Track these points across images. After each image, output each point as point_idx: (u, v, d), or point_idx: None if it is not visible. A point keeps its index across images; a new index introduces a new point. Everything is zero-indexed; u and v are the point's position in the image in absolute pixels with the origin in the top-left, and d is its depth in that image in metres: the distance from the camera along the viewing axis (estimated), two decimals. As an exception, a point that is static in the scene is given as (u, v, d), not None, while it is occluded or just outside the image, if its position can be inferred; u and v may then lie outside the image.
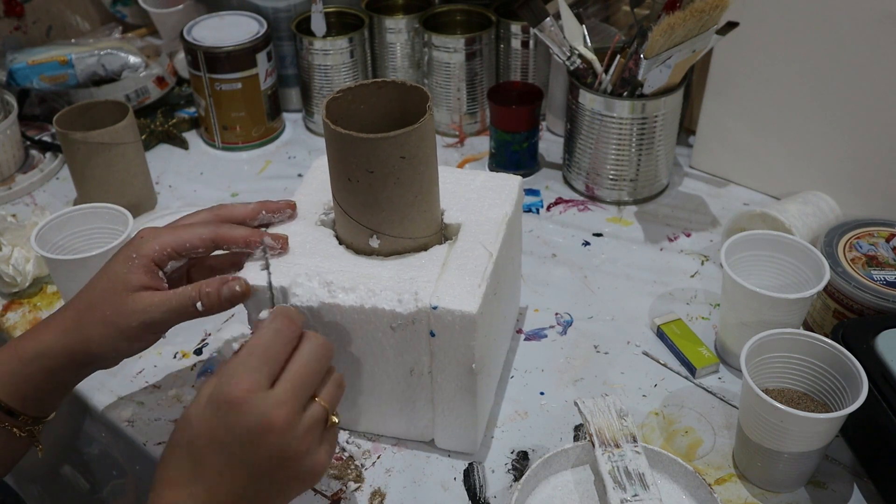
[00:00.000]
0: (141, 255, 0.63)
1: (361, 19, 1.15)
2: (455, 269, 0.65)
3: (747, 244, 0.79)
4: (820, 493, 0.69)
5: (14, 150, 1.10)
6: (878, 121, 0.89)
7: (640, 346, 0.83)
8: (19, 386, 0.63)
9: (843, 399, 0.66)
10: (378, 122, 0.66)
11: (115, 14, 1.36)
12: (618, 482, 0.62)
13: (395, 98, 0.66)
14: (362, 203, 0.65)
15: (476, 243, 0.68)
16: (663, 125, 0.98)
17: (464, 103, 1.15)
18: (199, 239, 0.64)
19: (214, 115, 1.13)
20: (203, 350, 0.83)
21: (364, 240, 0.66)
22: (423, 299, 0.62)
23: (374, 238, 0.66)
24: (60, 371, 0.64)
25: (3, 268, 0.89)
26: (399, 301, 0.63)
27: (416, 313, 0.63)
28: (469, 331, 0.63)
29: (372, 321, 0.64)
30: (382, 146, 0.61)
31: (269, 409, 0.52)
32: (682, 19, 0.85)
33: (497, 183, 0.75)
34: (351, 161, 0.62)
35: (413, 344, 0.65)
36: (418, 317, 0.63)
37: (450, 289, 0.63)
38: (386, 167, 0.62)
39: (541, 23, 0.95)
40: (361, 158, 0.62)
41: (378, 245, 0.66)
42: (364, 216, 0.65)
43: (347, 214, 0.66)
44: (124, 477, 0.80)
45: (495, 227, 0.70)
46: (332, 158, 0.65)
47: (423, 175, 0.64)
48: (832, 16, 0.87)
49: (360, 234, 0.66)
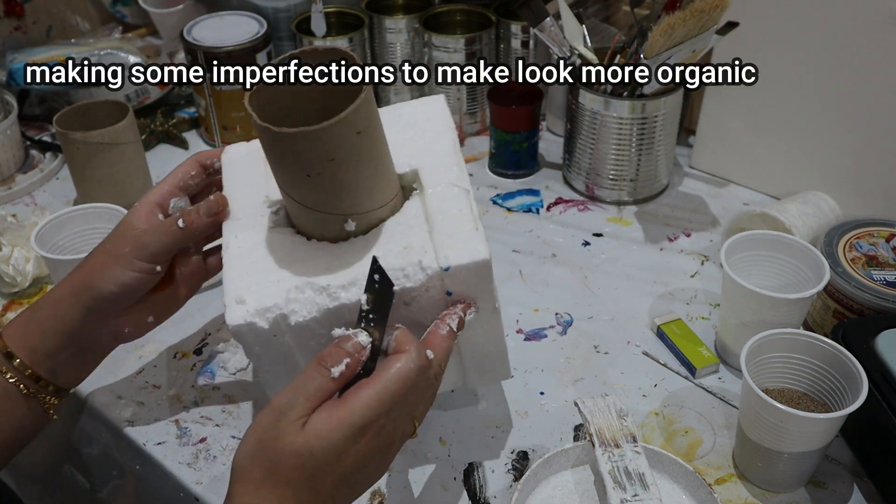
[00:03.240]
0: (143, 203, 0.69)
1: (361, 19, 1.15)
2: (442, 221, 0.62)
3: (747, 244, 0.79)
4: (820, 493, 0.69)
5: (14, 150, 1.10)
6: (878, 121, 0.89)
7: (640, 346, 0.83)
8: (30, 335, 0.66)
9: (843, 399, 0.66)
10: (300, 109, 0.60)
11: (115, 14, 1.36)
12: (618, 482, 0.62)
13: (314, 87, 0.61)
14: (328, 193, 0.60)
15: (444, 184, 0.64)
16: (663, 125, 0.98)
17: (464, 103, 1.15)
18: (183, 170, 0.71)
19: (214, 115, 1.13)
20: (203, 350, 0.83)
21: (338, 227, 0.62)
22: (430, 265, 0.59)
23: (349, 222, 0.62)
24: (67, 316, 0.65)
25: (3, 268, 0.89)
26: (406, 276, 0.60)
27: (427, 281, 0.59)
28: (486, 276, 0.60)
29: None
30: (339, 129, 0.56)
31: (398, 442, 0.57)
32: (682, 19, 0.85)
33: (423, 110, 0.71)
34: (308, 157, 0.57)
35: (430, 309, 0.61)
36: (430, 283, 0.60)
37: (451, 244, 0.60)
38: (344, 150, 0.57)
39: (541, 23, 0.95)
40: (320, 150, 0.57)
41: (353, 227, 0.62)
42: (333, 205, 0.61)
43: (312, 209, 0.61)
44: (124, 477, 0.80)
45: (451, 160, 0.66)
46: (279, 160, 0.60)
47: (380, 142, 0.61)
48: (832, 16, 0.87)
49: (332, 223, 0.62)
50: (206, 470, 0.72)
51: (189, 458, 0.73)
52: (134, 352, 0.83)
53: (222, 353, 0.83)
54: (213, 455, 0.73)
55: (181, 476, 0.71)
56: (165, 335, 0.84)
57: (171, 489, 0.72)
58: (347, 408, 0.53)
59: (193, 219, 0.66)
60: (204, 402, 0.78)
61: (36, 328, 0.66)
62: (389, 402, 0.54)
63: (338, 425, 0.53)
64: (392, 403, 0.54)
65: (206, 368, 0.81)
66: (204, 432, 0.75)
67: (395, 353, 0.56)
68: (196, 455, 0.73)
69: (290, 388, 0.54)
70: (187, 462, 0.72)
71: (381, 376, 0.54)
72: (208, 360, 0.82)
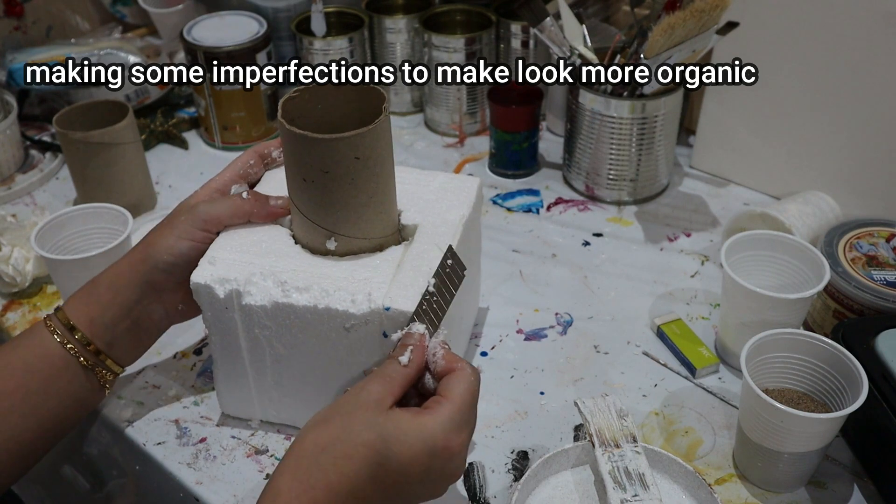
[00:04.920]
0: (203, 187, 0.71)
1: (361, 19, 1.15)
2: (409, 270, 0.65)
3: (747, 244, 0.79)
4: (820, 493, 0.69)
5: (14, 150, 1.10)
6: (878, 121, 0.89)
7: (640, 346, 0.83)
8: (91, 307, 0.67)
9: (843, 399, 0.66)
10: (335, 123, 0.65)
11: (115, 14, 1.36)
12: (618, 482, 0.62)
13: (353, 99, 0.66)
14: (318, 203, 0.64)
15: (432, 244, 0.68)
16: (663, 125, 0.98)
17: (464, 103, 1.15)
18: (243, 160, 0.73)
19: (214, 115, 1.13)
20: (203, 350, 0.83)
21: (320, 240, 0.66)
22: (377, 300, 0.62)
23: (331, 240, 0.66)
24: (125, 288, 0.67)
25: (3, 268, 0.89)
26: (352, 301, 0.63)
27: (369, 314, 0.62)
28: None
29: (325, 321, 0.64)
30: (337, 146, 0.60)
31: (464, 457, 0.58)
32: (682, 19, 0.85)
33: (456, 185, 0.75)
34: (306, 161, 0.62)
35: (366, 344, 0.65)
36: (371, 317, 0.63)
37: (403, 290, 0.63)
38: (340, 167, 0.62)
39: (541, 23, 0.95)
40: (316, 158, 0.61)
41: (335, 246, 0.66)
42: (320, 216, 0.65)
43: (303, 215, 0.66)
44: (124, 477, 0.80)
45: (452, 229, 0.70)
46: (287, 158, 0.64)
47: (379, 176, 0.64)
48: (832, 16, 0.87)
49: (316, 234, 0.66)
50: (206, 470, 0.72)
51: (189, 458, 0.73)
52: (134, 352, 0.83)
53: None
54: (213, 455, 0.73)
55: (181, 476, 0.71)
56: (165, 335, 0.84)
57: (171, 489, 0.72)
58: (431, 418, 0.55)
59: (259, 198, 0.69)
60: (204, 402, 0.78)
61: (96, 301, 0.67)
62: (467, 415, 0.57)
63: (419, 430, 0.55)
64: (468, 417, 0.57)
65: (206, 368, 0.81)
66: (204, 432, 0.75)
67: (448, 371, 0.58)
68: (196, 455, 0.73)
69: (366, 380, 0.57)
70: (187, 462, 0.72)
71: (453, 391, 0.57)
72: (208, 360, 0.82)
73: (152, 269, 0.67)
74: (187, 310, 0.71)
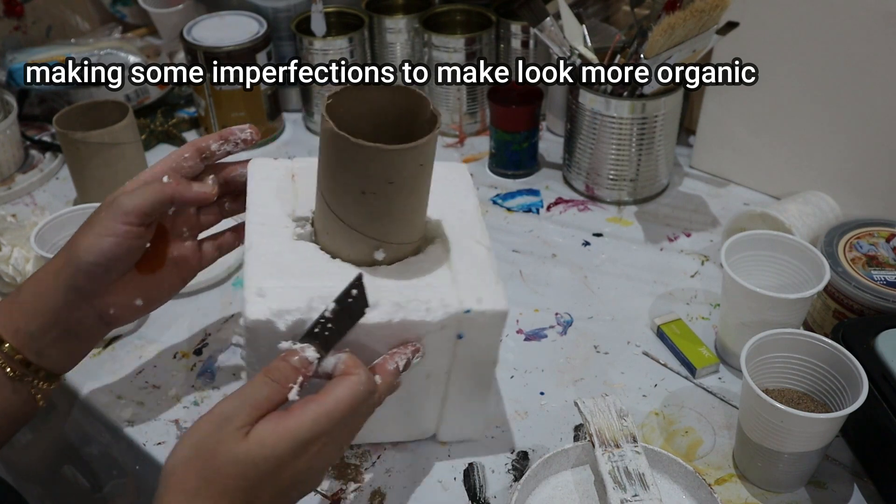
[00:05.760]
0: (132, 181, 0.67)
1: (361, 19, 1.15)
2: (464, 269, 0.64)
3: (747, 244, 0.79)
4: (820, 493, 0.69)
5: (14, 150, 1.10)
6: (878, 121, 0.89)
7: (640, 346, 0.83)
8: (14, 316, 0.63)
9: (843, 399, 0.66)
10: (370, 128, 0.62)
11: (115, 14, 1.36)
12: (618, 482, 0.62)
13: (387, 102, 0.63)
14: (373, 215, 0.61)
15: (467, 239, 0.67)
16: (663, 125, 0.98)
17: (464, 103, 1.15)
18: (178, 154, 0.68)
19: (214, 115, 1.13)
20: (203, 350, 0.83)
21: (367, 251, 0.63)
22: (453, 304, 0.61)
23: (379, 251, 0.62)
24: (48, 295, 0.63)
25: (3, 268, 0.89)
26: (427, 310, 0.60)
27: (445, 319, 0.60)
28: (498, 327, 0.63)
29: (398, 334, 0.61)
30: (406, 156, 0.58)
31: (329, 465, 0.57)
32: (682, 19, 0.85)
33: (445, 173, 0.72)
34: (370, 173, 0.58)
35: (436, 349, 0.63)
36: (447, 322, 0.61)
37: (472, 290, 0.62)
38: (404, 177, 0.59)
39: (541, 23, 0.95)
40: (382, 170, 0.58)
41: (383, 257, 0.63)
42: (373, 228, 0.61)
43: (352, 228, 0.62)
44: (124, 477, 0.81)
45: (474, 220, 0.69)
46: (340, 171, 0.60)
47: (429, 181, 0.63)
48: (832, 16, 0.87)
49: (363, 245, 0.62)
50: (206, 470, 0.71)
51: (189, 458, 0.73)
52: (134, 352, 0.83)
53: (222, 353, 0.83)
54: (213, 455, 0.73)
55: (181, 476, 0.71)
56: (165, 335, 0.84)
57: (171, 489, 0.72)
58: (294, 420, 0.52)
59: (179, 181, 0.65)
60: (204, 402, 0.78)
61: (19, 309, 0.63)
62: (337, 421, 0.53)
63: (283, 436, 0.52)
64: (338, 422, 0.53)
65: (206, 368, 0.81)
66: (204, 432, 0.75)
67: (343, 374, 0.55)
68: (196, 455, 0.73)
69: (234, 396, 0.53)
70: (187, 462, 0.72)
71: (330, 393, 0.54)
72: (208, 360, 0.82)
73: (75, 273, 0.62)
74: (122, 313, 0.66)
